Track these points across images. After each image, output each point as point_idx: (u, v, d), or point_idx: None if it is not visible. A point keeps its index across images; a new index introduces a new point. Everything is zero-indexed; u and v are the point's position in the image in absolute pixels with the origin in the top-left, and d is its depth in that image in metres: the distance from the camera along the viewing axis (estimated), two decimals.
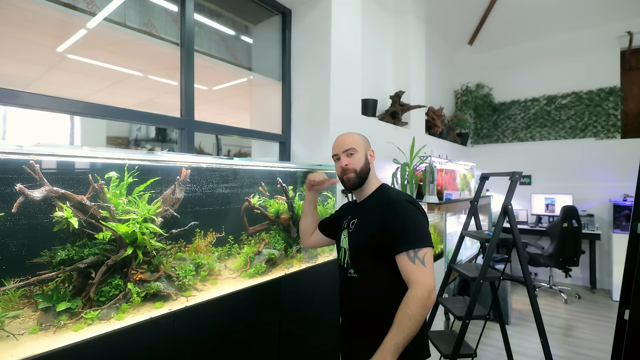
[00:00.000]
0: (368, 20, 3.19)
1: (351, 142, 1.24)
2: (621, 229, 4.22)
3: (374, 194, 1.24)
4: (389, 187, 1.26)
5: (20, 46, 1.45)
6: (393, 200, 1.13)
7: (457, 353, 1.90)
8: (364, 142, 1.27)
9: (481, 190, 2.42)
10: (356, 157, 1.22)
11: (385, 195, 1.19)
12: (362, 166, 1.22)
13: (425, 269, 1.02)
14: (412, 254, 1.04)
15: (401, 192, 1.20)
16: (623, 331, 1.35)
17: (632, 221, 1.44)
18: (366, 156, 1.24)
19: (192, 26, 1.91)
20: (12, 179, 0.95)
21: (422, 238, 1.05)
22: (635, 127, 4.81)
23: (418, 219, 1.09)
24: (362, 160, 1.22)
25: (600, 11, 4.69)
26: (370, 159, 1.26)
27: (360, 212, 1.23)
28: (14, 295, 0.99)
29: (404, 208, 1.10)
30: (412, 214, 1.09)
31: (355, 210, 1.27)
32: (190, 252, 1.41)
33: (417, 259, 1.03)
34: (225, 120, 2.12)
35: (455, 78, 5.74)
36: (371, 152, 1.27)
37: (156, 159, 1.30)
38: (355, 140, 1.24)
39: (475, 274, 2.01)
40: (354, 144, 1.23)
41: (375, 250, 1.12)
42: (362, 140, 1.26)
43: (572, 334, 3.35)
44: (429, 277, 1.02)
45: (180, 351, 1.16)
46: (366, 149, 1.26)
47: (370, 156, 1.26)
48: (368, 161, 1.24)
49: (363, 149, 1.24)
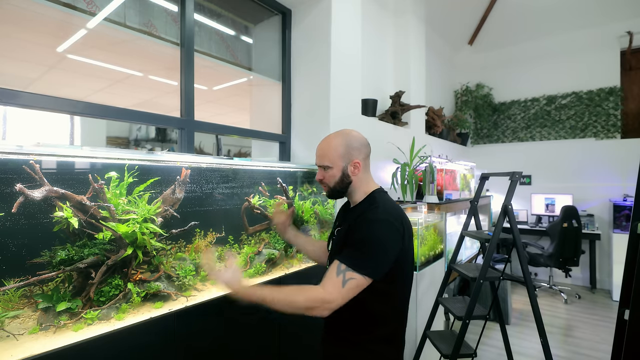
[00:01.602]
0: (368, 20, 3.19)
1: (325, 156, 1.11)
2: (621, 229, 4.22)
3: (363, 203, 1.12)
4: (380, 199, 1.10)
5: (20, 46, 1.45)
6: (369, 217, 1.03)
7: (457, 353, 1.90)
8: (343, 154, 1.09)
9: (481, 190, 2.41)
10: (330, 174, 1.11)
11: (368, 208, 1.07)
12: (336, 184, 1.11)
13: (340, 288, 0.95)
14: (343, 267, 0.97)
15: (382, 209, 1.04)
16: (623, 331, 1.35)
17: (632, 221, 1.44)
18: (343, 171, 1.10)
19: (192, 26, 1.91)
20: (12, 179, 0.95)
21: (364, 264, 0.96)
22: (635, 127, 4.81)
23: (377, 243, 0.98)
24: (336, 177, 1.10)
25: (600, 11, 4.69)
26: (353, 171, 1.10)
27: (346, 220, 1.13)
28: (14, 295, 0.99)
29: (373, 228, 1.00)
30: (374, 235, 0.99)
31: (345, 216, 1.18)
32: (190, 252, 1.41)
33: (342, 274, 0.96)
34: (225, 120, 2.12)
35: (455, 78, 5.74)
36: (355, 164, 1.10)
37: (156, 159, 1.30)
38: (327, 153, 1.10)
39: (475, 274, 2.01)
40: (325, 158, 1.11)
41: None
42: (339, 152, 1.09)
43: (572, 334, 3.35)
44: (336, 294, 0.95)
45: (180, 351, 1.16)
46: (345, 163, 1.09)
47: (354, 168, 1.10)
48: (347, 175, 1.10)
49: (340, 163, 1.09)
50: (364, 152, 1.13)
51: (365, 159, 1.13)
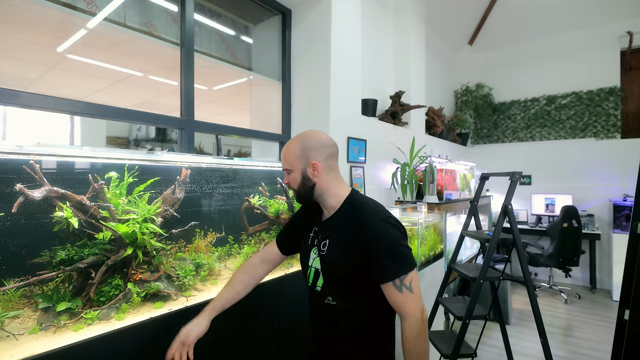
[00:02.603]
0: (368, 20, 3.19)
1: (285, 159, 1.09)
2: (621, 229, 4.22)
3: (343, 209, 1.07)
4: (361, 199, 1.09)
5: (20, 46, 1.45)
6: (371, 222, 1.01)
7: (457, 353, 1.90)
8: (300, 156, 1.06)
9: (481, 190, 2.41)
10: (292, 177, 1.09)
11: (359, 213, 1.03)
12: (299, 186, 1.07)
13: (413, 295, 0.98)
14: (398, 282, 0.98)
15: (377, 209, 1.05)
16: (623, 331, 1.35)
17: (632, 221, 1.44)
18: (303, 173, 1.06)
19: (192, 26, 1.91)
20: (12, 179, 0.95)
21: (406, 264, 0.98)
22: (635, 127, 4.81)
23: (400, 241, 1.00)
24: (297, 179, 1.07)
25: (600, 11, 4.69)
26: (312, 173, 1.05)
27: (331, 231, 1.07)
28: (14, 295, 0.99)
29: (384, 231, 0.99)
30: (392, 237, 0.99)
31: (325, 226, 1.10)
32: (190, 252, 1.41)
33: (404, 287, 0.98)
34: (225, 120, 2.12)
35: (455, 78, 5.74)
36: (313, 165, 1.05)
37: (156, 159, 1.30)
38: (286, 156, 1.09)
39: (475, 274, 2.01)
40: (287, 162, 1.09)
41: (353, 277, 1.03)
42: (296, 155, 1.06)
43: (572, 334, 3.35)
44: (418, 302, 0.99)
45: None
46: (303, 165, 1.06)
47: (313, 169, 1.05)
48: (308, 178, 1.06)
49: (298, 165, 1.06)
50: (325, 152, 1.07)
51: (327, 160, 1.07)
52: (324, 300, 1.07)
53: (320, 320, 1.11)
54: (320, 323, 1.11)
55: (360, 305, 1.04)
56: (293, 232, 1.24)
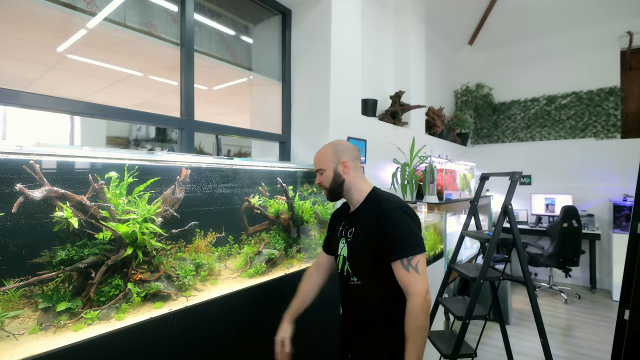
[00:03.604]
0: (368, 20, 3.19)
1: (317, 161, 1.29)
2: (621, 229, 4.22)
3: (367, 201, 1.25)
4: (381, 193, 1.26)
5: (20, 46, 1.45)
6: (387, 209, 1.17)
7: (457, 353, 1.90)
8: (332, 157, 1.26)
9: (481, 190, 2.41)
10: (324, 176, 1.26)
11: (378, 203, 1.21)
12: (331, 183, 1.25)
13: (418, 275, 1.10)
14: (406, 262, 1.11)
15: (394, 199, 1.21)
16: (623, 331, 1.35)
17: (632, 221, 1.44)
18: (335, 171, 1.25)
19: (192, 26, 1.91)
20: (12, 179, 0.95)
21: (414, 246, 1.12)
22: (635, 127, 4.81)
23: (410, 227, 1.14)
24: (329, 177, 1.25)
25: (600, 11, 4.69)
26: (343, 170, 1.25)
27: (357, 221, 1.24)
28: (14, 295, 0.99)
29: (397, 217, 1.15)
30: (404, 222, 1.14)
31: (351, 218, 1.28)
32: (190, 252, 1.41)
33: (410, 266, 1.10)
34: (225, 120, 2.12)
35: (455, 78, 5.74)
36: (343, 163, 1.25)
37: (156, 159, 1.30)
38: (320, 158, 1.28)
39: (475, 274, 2.01)
40: (319, 163, 1.28)
41: (373, 258, 1.18)
42: (329, 156, 1.26)
43: (572, 334, 3.35)
44: (423, 282, 1.10)
45: (180, 351, 1.16)
46: (335, 163, 1.25)
47: (344, 167, 1.25)
48: (339, 174, 1.25)
49: (331, 164, 1.25)
50: (352, 154, 1.28)
51: (354, 161, 1.27)
52: (350, 282, 1.24)
53: (347, 298, 1.30)
54: (348, 300, 1.30)
55: (379, 283, 1.19)
56: (330, 234, 1.41)
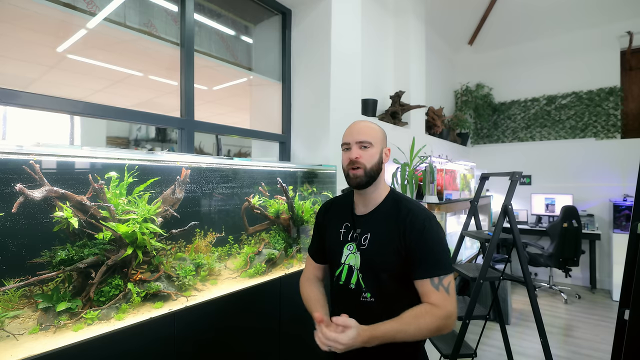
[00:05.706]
0: (368, 20, 3.19)
1: (368, 133, 1.05)
2: (621, 229, 4.22)
3: (386, 203, 1.08)
4: (401, 196, 1.11)
5: (20, 46, 1.45)
6: (421, 218, 1.01)
7: (457, 353, 1.90)
8: (383, 137, 1.09)
9: (481, 190, 2.41)
10: (370, 153, 1.04)
11: (405, 210, 1.03)
12: (374, 165, 1.04)
13: (449, 297, 0.96)
14: (437, 281, 0.97)
15: (422, 207, 1.06)
16: (623, 331, 1.35)
17: (632, 221, 1.44)
18: (381, 154, 1.07)
19: (192, 26, 1.91)
20: (12, 179, 0.95)
21: (448, 265, 0.99)
22: (635, 127, 4.81)
23: (443, 242, 1.01)
24: (375, 157, 1.05)
25: (600, 11, 4.69)
26: (384, 158, 1.09)
27: (375, 226, 1.05)
28: (14, 295, 0.99)
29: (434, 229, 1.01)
30: (438, 236, 1.01)
31: (366, 221, 1.08)
32: (190, 252, 1.41)
33: (441, 286, 0.97)
34: (225, 120, 2.12)
35: (455, 78, 5.73)
36: (387, 151, 1.10)
37: (156, 159, 1.30)
38: (373, 132, 1.06)
39: (475, 274, 2.01)
40: (370, 136, 1.05)
41: (399, 271, 1.01)
42: (381, 134, 1.09)
43: (572, 334, 3.35)
44: (453, 304, 0.96)
45: (180, 351, 1.16)
46: (382, 146, 1.08)
47: (385, 155, 1.09)
48: (382, 160, 1.08)
49: (380, 144, 1.07)
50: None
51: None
52: (360, 298, 1.03)
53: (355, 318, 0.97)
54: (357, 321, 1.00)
55: (399, 302, 1.00)
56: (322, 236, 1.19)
